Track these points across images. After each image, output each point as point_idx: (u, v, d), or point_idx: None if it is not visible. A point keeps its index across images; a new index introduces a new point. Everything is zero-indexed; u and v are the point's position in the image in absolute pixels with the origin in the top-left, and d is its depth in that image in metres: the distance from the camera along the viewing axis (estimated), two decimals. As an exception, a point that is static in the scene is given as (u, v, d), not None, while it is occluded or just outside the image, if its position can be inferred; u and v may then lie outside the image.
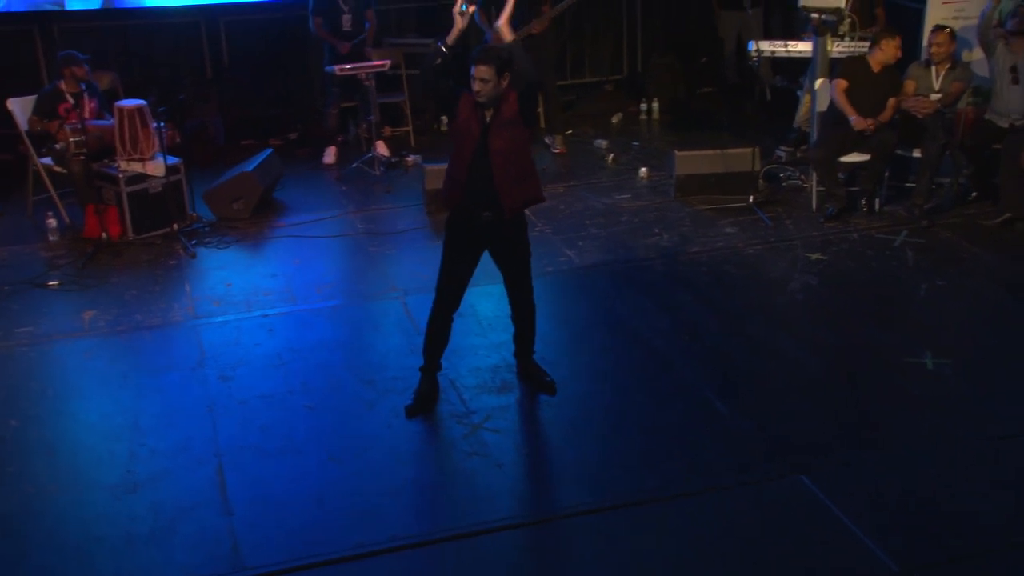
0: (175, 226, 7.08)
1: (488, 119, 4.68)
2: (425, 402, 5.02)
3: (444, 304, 4.99)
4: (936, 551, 3.98)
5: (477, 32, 8.38)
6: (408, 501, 4.44)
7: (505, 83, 4.63)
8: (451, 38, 4.69)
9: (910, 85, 7.11)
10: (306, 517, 4.27)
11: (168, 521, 4.25)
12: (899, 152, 7.17)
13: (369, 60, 8.22)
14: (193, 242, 7.03)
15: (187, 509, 4.32)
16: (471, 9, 4.76)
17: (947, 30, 7.06)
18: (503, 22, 4.78)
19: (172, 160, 7.07)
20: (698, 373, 5.28)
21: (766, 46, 8.03)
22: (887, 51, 6.96)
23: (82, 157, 6.87)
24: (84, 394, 5.28)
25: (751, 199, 7.42)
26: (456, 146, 4.80)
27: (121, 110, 6.96)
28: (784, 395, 5.10)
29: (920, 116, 6.96)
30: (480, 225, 4.81)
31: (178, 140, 7.37)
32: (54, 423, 5.01)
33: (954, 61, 7.17)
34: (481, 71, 4.57)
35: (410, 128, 9.15)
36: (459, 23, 4.72)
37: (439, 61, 4.67)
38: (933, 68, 7.11)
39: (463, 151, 4.75)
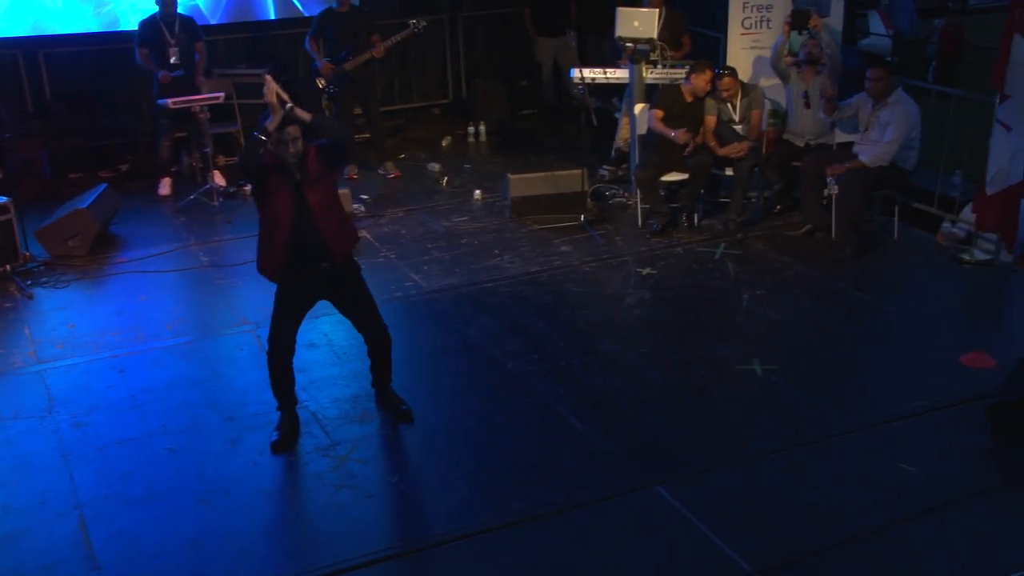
0: (7, 267, 6.84)
1: (299, 177, 4.84)
2: (289, 437, 5.08)
3: (280, 353, 5.07)
4: (785, 549, 4.25)
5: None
6: (282, 539, 4.46)
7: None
8: (272, 126, 4.81)
9: (711, 121, 7.63)
10: (179, 566, 4.21)
11: (31, 582, 4.10)
12: (713, 171, 7.75)
13: (200, 91, 8.15)
14: (28, 282, 6.81)
15: (50, 567, 4.19)
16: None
17: (727, 75, 7.60)
18: (296, 110, 4.87)
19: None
20: (551, 391, 5.49)
21: (588, 73, 8.45)
22: (697, 84, 7.57)
23: None
24: (-77, 452, 5.00)
25: (582, 218, 7.83)
26: (270, 212, 4.88)
27: (-61, 149, 6.67)
28: (633, 408, 5.36)
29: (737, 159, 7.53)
30: (316, 277, 4.95)
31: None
32: None
33: (744, 88, 7.78)
34: (294, 131, 4.77)
35: (244, 156, 9.08)
36: (279, 113, 4.81)
37: (261, 149, 4.80)
38: (729, 103, 7.71)
39: (281, 214, 4.85)
